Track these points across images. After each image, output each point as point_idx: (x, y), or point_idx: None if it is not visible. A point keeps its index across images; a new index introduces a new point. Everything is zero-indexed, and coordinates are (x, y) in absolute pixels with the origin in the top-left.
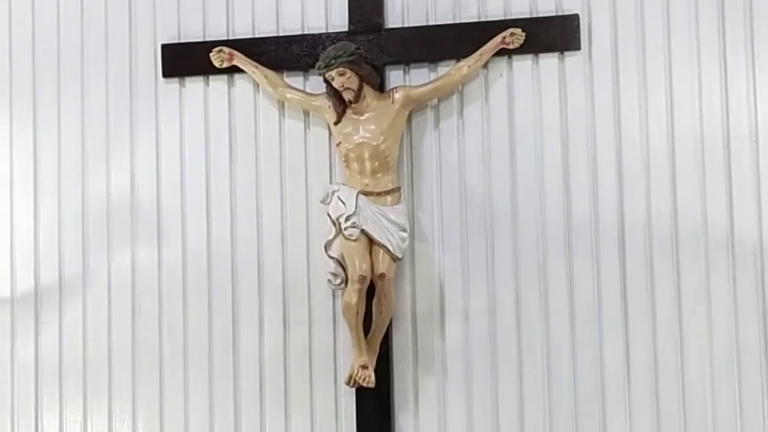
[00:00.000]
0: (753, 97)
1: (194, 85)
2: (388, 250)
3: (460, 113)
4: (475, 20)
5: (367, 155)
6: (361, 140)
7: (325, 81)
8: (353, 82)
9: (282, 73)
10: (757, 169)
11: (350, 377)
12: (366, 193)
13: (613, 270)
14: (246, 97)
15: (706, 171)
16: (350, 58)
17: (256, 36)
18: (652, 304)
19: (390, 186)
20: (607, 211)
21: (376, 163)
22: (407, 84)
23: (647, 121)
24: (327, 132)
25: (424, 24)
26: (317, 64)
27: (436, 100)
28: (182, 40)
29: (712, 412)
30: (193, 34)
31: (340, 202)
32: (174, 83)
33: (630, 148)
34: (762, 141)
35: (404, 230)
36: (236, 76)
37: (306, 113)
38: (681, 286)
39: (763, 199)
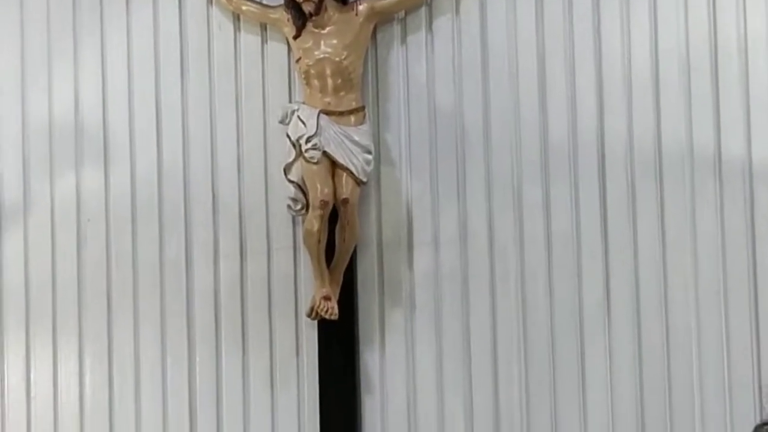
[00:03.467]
0: (743, 9)
1: None
2: (351, 173)
3: (429, 27)
4: None
5: (329, 72)
6: (322, 56)
7: None
8: None
9: None
10: (747, 87)
11: (312, 309)
12: (328, 113)
13: (592, 195)
14: (198, 8)
15: (692, 88)
16: None
17: None
18: (634, 231)
19: (354, 105)
20: (586, 131)
21: (339, 81)
22: None
23: (629, 35)
24: (286, 47)
25: None
26: None
27: (403, 12)
28: None
29: (697, 344)
30: None
31: (300, 123)
32: None
33: (610, 64)
34: (752, 57)
35: (369, 152)
36: None
37: (263, 27)
38: (664, 212)
39: (753, 118)
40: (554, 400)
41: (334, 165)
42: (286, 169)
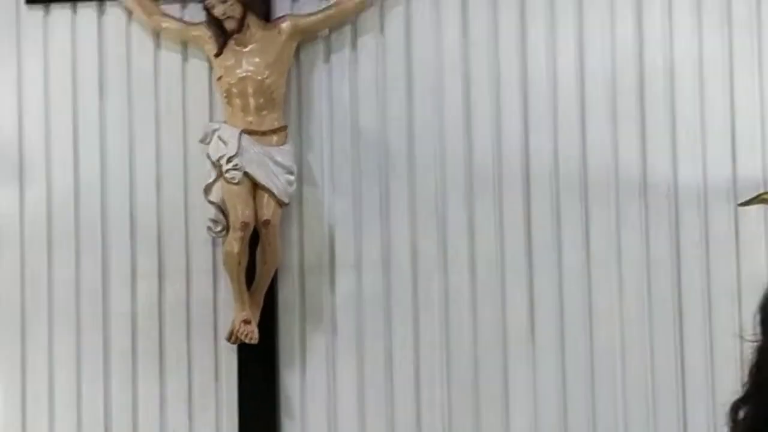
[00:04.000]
0: (668, 31)
1: (60, 12)
2: (273, 194)
3: (354, 45)
4: None
5: (250, 90)
6: (244, 74)
7: (205, 9)
8: (236, 9)
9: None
10: (672, 109)
11: (231, 333)
12: (249, 132)
13: (516, 217)
14: (117, 26)
15: (618, 110)
16: None
17: None
18: (559, 252)
19: (276, 124)
20: (511, 153)
21: (261, 100)
22: (295, 13)
23: (555, 56)
24: (207, 65)
25: None
26: None
27: (327, 30)
28: None
29: (621, 366)
30: None
31: (220, 142)
32: (38, 10)
33: (536, 85)
34: (678, 78)
35: (291, 173)
36: (107, 3)
37: (184, 45)
38: (589, 233)
39: (678, 139)
40: (478, 424)
41: (255, 186)
42: (207, 190)
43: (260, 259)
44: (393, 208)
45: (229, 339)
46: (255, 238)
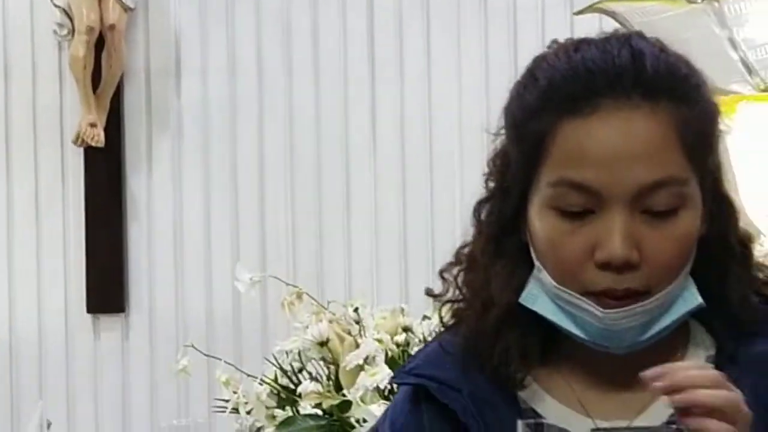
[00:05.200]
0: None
1: None
2: None
3: None
4: None
5: None
6: None
7: None
8: None
9: None
10: None
11: (78, 136)
12: None
13: (360, 25)
14: None
15: None
16: None
17: None
18: (401, 63)
19: None
20: None
21: None
22: None
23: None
24: None
25: None
26: None
27: None
28: None
29: (460, 172)
30: None
31: None
32: None
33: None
34: None
35: None
36: None
37: None
38: (431, 43)
39: None
40: (320, 226)
41: None
42: None
43: (106, 63)
44: (239, 13)
45: (75, 142)
46: (102, 42)
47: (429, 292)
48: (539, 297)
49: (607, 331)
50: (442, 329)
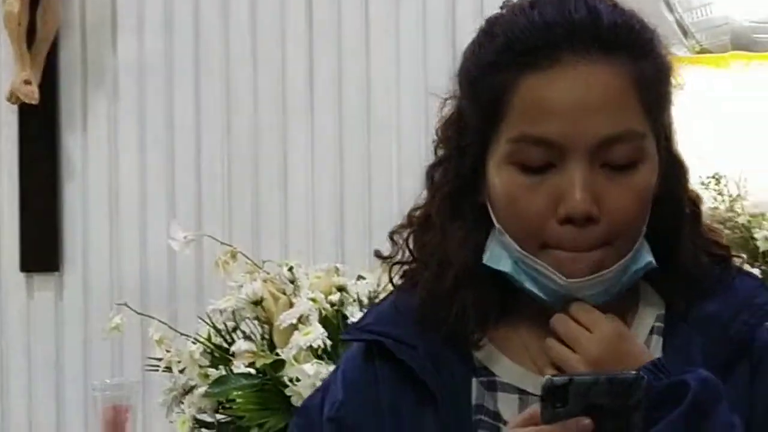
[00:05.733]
0: None
1: None
2: None
3: None
4: None
5: None
6: None
7: None
8: None
9: None
10: None
11: (11, 93)
12: None
13: None
14: None
15: None
16: None
17: None
18: (339, 19)
19: None
20: None
21: None
22: None
23: None
24: None
25: None
26: None
27: None
28: None
29: (397, 135)
30: None
31: None
32: None
33: None
34: None
35: None
36: None
37: None
38: (369, 3)
39: None
40: (257, 185)
41: None
42: None
43: (41, 19)
44: None
45: (9, 99)
46: None
47: (378, 254)
48: (501, 257)
49: (569, 296)
50: (394, 290)
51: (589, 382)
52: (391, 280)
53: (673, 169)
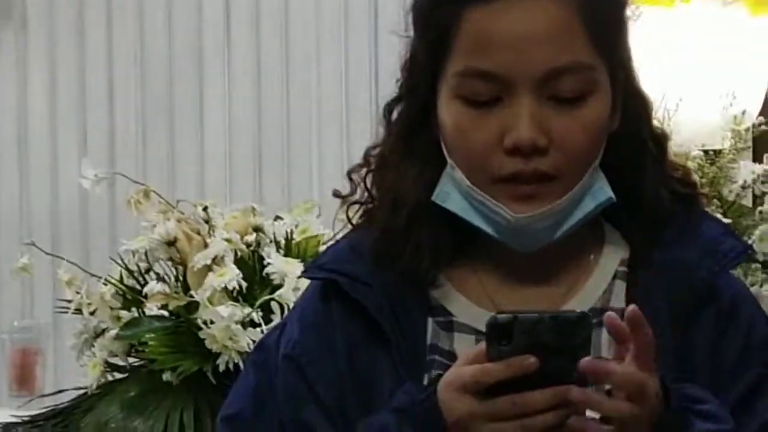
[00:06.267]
0: None
1: None
2: None
3: None
4: None
5: None
6: None
7: None
8: None
9: None
10: None
11: None
12: None
13: None
14: None
15: None
16: None
17: None
18: None
19: None
20: None
21: None
22: None
23: None
24: None
25: None
26: None
27: None
28: None
29: (316, 74)
30: None
31: None
32: None
33: None
34: None
35: None
36: None
37: None
38: None
39: None
40: (171, 122)
41: None
42: None
43: None
44: None
45: None
46: None
47: (336, 194)
48: (451, 194)
49: (519, 231)
50: (351, 229)
51: (533, 320)
52: (350, 220)
53: (634, 104)
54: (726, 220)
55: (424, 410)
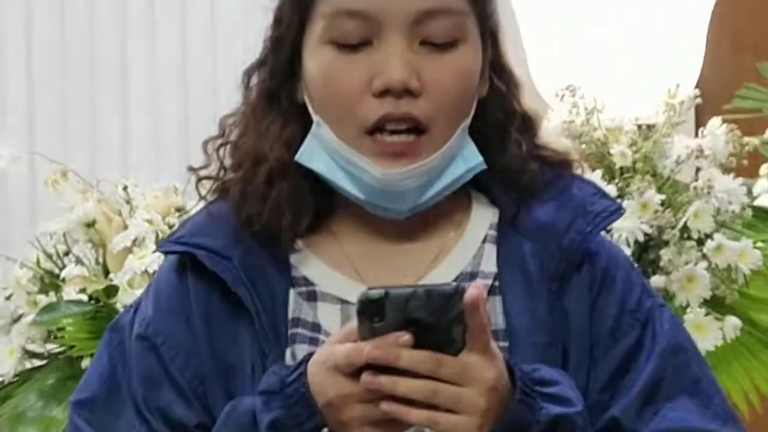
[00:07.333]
0: None
1: None
2: None
3: None
4: None
5: None
6: None
7: None
8: None
9: None
10: None
11: None
12: None
13: None
14: None
15: None
16: None
17: None
18: None
19: None
20: None
21: None
22: None
23: None
24: None
25: None
26: None
27: None
28: None
29: (244, 39)
30: None
31: None
32: None
33: None
34: None
35: None
36: None
37: None
38: None
39: None
40: (93, 99)
41: None
42: None
43: None
44: None
45: None
46: None
47: (191, 168)
48: (316, 154)
49: (386, 192)
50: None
51: (406, 295)
52: (203, 197)
53: (503, 77)
54: (660, 196)
55: (295, 392)
